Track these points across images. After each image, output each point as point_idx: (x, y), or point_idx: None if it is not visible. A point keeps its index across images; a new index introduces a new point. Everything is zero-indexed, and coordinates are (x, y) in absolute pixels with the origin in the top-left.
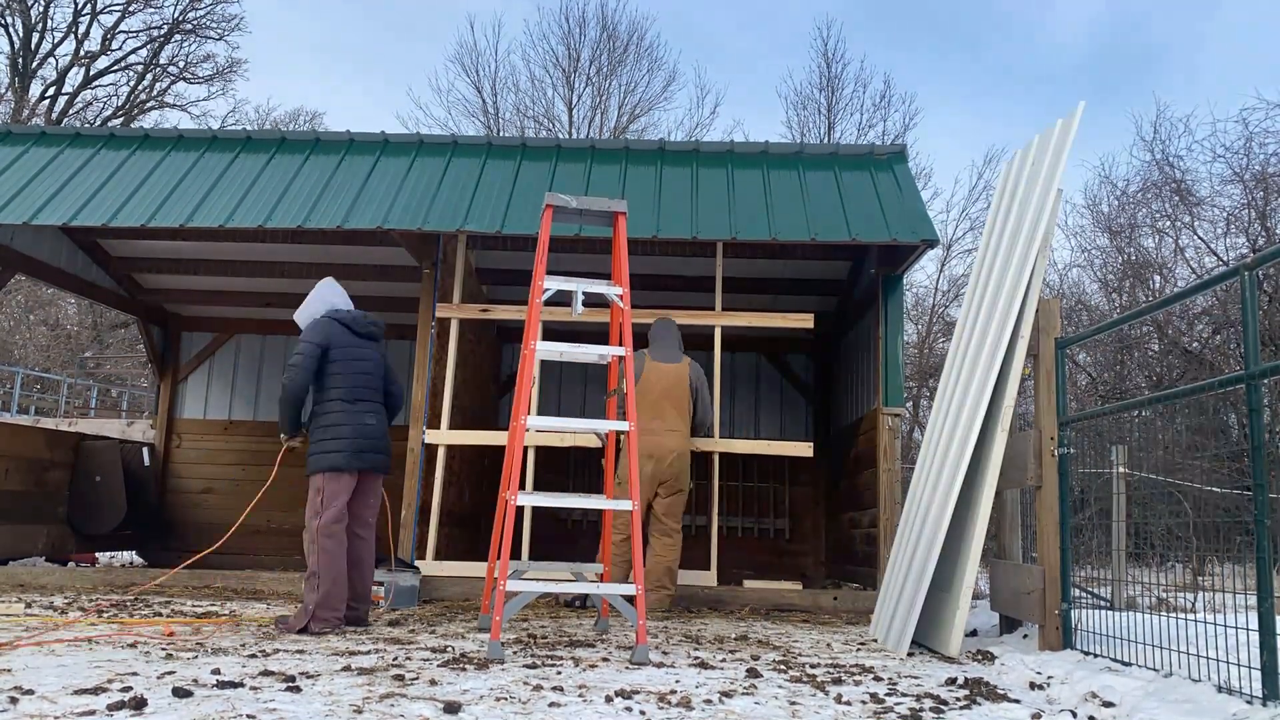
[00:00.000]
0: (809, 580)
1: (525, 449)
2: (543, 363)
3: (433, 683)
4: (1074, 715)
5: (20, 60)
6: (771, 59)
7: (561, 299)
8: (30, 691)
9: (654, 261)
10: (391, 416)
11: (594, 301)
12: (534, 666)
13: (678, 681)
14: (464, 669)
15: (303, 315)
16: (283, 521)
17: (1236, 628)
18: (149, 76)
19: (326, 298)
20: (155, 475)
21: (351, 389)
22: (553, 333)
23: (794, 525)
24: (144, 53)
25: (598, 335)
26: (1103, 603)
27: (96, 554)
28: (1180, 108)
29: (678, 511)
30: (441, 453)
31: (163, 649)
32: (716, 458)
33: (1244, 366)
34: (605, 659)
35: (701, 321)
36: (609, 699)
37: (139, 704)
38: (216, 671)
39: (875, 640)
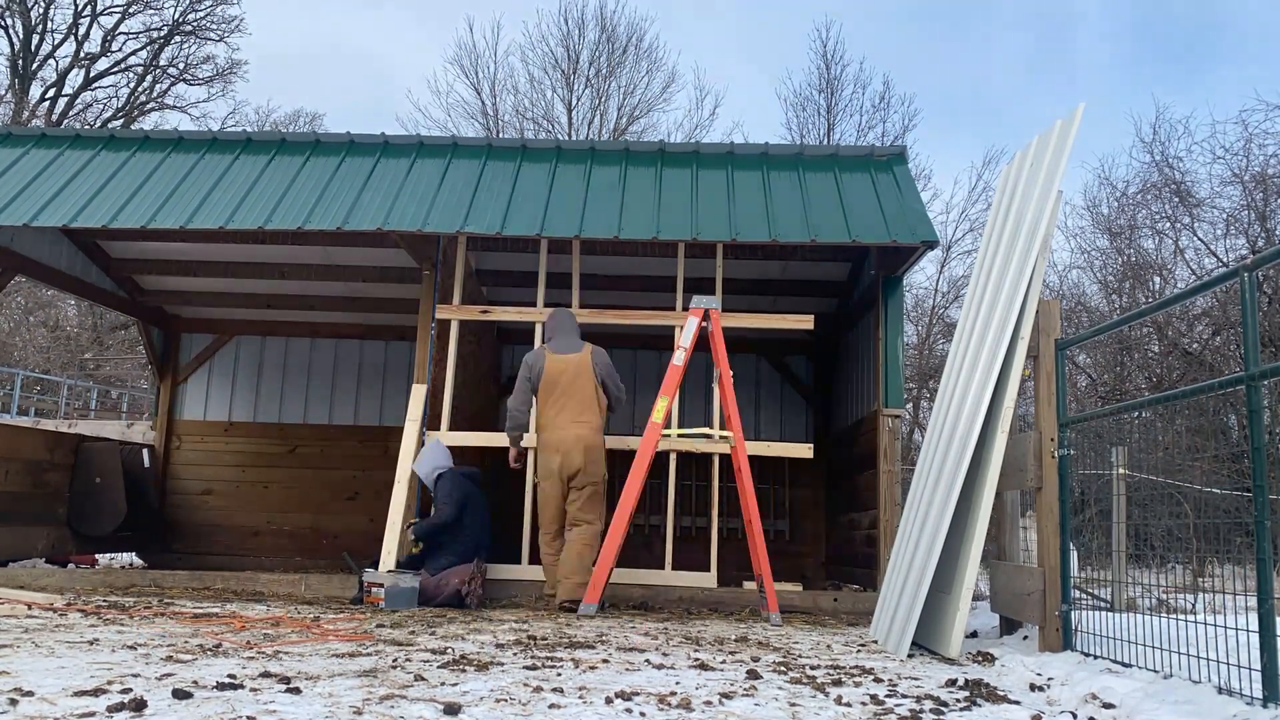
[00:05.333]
0: (809, 581)
1: (525, 450)
2: None
3: (433, 684)
4: (1074, 716)
5: (20, 62)
6: (771, 60)
7: (561, 300)
8: (30, 693)
9: (653, 263)
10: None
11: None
12: (534, 668)
13: (678, 683)
14: (464, 670)
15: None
16: (283, 523)
17: (1237, 629)
18: (149, 78)
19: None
20: (155, 477)
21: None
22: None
23: (794, 526)
24: (144, 54)
25: (602, 336)
26: (1102, 604)
27: (96, 555)
28: (1180, 109)
29: (593, 505)
30: None
31: (163, 650)
32: (716, 459)
33: (1244, 368)
34: (605, 660)
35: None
36: (609, 700)
37: (139, 705)
38: (216, 673)
39: (875, 641)
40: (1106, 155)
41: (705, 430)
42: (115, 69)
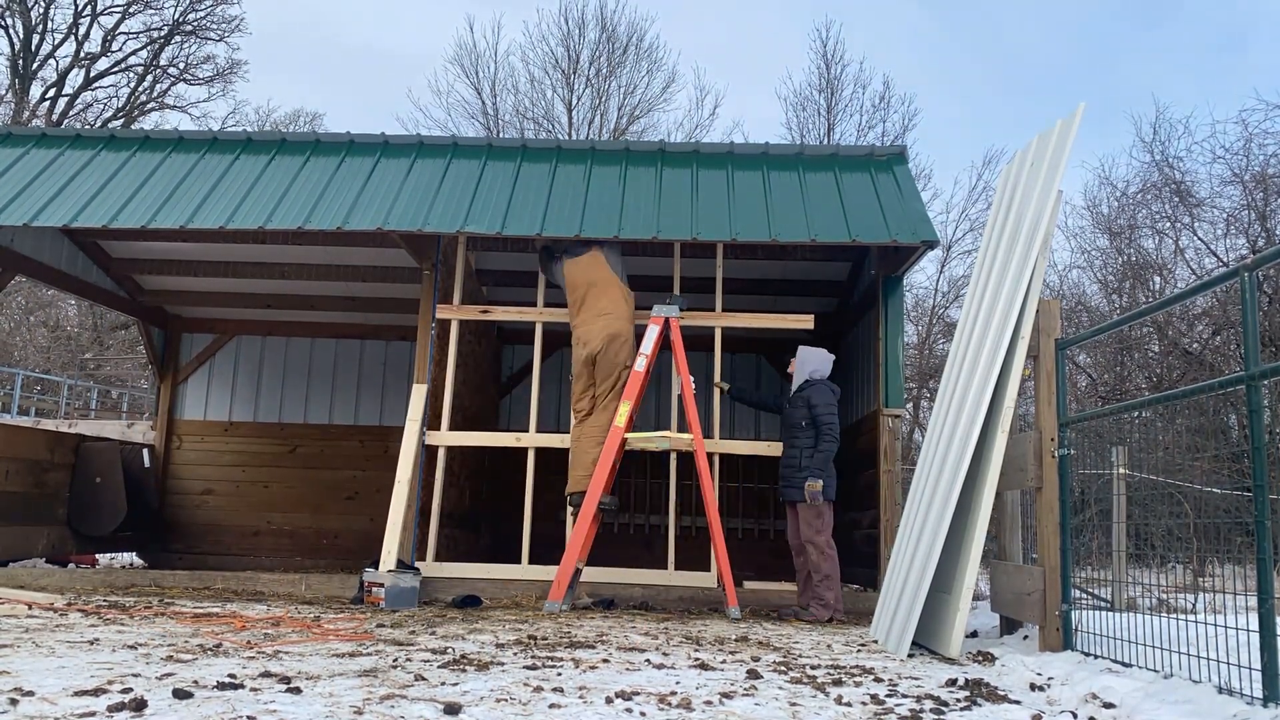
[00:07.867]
0: None
1: (525, 450)
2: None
3: (433, 684)
4: (1074, 716)
5: (20, 62)
6: (771, 60)
7: (561, 300)
8: (31, 693)
9: (654, 263)
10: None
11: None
12: (534, 668)
13: (678, 682)
14: (464, 670)
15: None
16: (283, 523)
17: (1237, 629)
18: (149, 78)
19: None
20: (155, 476)
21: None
22: (551, 333)
23: None
24: (144, 54)
25: None
26: (1103, 603)
27: (96, 555)
28: (1179, 109)
29: (613, 390)
30: (441, 453)
31: (163, 650)
32: (717, 459)
33: (1244, 367)
34: (605, 660)
35: (702, 323)
36: (609, 700)
37: (139, 705)
38: (217, 673)
39: (875, 641)
40: (1106, 155)
41: (666, 433)
42: (115, 69)
